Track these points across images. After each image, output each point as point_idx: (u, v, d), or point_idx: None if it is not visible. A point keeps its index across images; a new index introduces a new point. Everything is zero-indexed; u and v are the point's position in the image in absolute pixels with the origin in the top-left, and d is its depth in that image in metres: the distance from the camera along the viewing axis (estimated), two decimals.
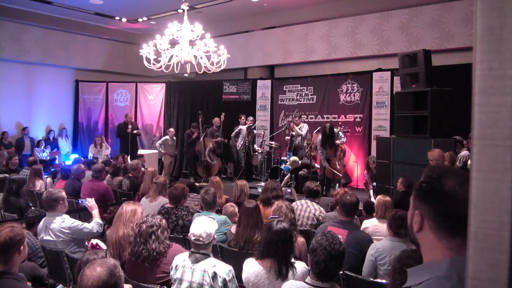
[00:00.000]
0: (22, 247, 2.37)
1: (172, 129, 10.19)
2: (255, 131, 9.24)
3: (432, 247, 0.99)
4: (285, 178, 7.82)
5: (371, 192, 7.07)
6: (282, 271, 2.47)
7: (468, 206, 0.88)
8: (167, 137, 9.94)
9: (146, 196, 4.84)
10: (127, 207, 3.24)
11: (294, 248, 2.79)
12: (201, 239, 2.56)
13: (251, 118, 9.19)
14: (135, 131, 9.97)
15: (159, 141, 9.94)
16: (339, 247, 2.16)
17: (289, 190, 6.95)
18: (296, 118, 8.48)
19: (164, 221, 2.90)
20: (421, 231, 1.01)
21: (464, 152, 6.01)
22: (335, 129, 7.59)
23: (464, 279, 0.72)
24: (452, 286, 0.89)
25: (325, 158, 7.45)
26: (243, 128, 8.87)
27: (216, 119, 9.48)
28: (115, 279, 1.79)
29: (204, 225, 2.62)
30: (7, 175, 5.44)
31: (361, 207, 4.77)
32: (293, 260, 2.61)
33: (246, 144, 8.86)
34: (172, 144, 9.95)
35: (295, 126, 8.12)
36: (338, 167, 7.51)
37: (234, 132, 9.02)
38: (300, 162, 7.70)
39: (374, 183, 6.95)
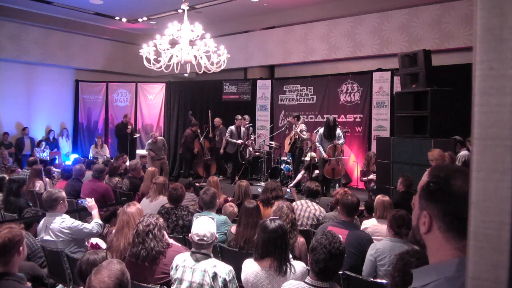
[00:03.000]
0: (21, 248, 2.36)
1: (156, 133, 9.78)
2: (243, 130, 9.08)
3: (440, 248, 0.97)
4: (299, 176, 7.80)
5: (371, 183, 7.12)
6: (282, 267, 2.49)
7: None
8: (151, 140, 9.29)
9: (147, 196, 4.85)
10: (130, 210, 3.18)
11: (289, 244, 2.80)
12: (205, 238, 2.56)
13: (246, 116, 9.04)
14: (134, 136, 9.90)
15: (146, 147, 9.31)
16: (339, 246, 2.17)
17: (288, 190, 6.96)
18: (291, 118, 8.39)
19: (161, 220, 2.88)
20: (430, 232, 0.99)
21: (464, 152, 6.02)
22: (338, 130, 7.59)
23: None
24: (460, 287, 0.87)
25: (322, 149, 7.43)
26: (233, 128, 8.76)
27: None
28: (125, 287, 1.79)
29: (207, 225, 2.62)
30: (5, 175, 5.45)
31: (361, 207, 4.77)
32: (291, 258, 2.62)
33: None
34: (160, 147, 9.32)
35: (298, 132, 8.07)
36: (339, 167, 7.49)
37: (227, 133, 8.90)
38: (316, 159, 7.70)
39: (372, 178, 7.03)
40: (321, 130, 7.50)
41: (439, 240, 0.97)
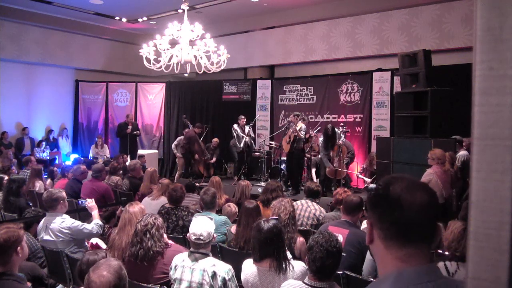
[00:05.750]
0: (19, 248, 2.35)
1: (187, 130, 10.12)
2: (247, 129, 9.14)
3: (383, 258, 0.95)
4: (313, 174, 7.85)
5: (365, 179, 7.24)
6: (282, 265, 2.50)
7: (418, 212, 0.89)
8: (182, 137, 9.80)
9: (149, 195, 4.88)
10: (133, 209, 3.19)
11: (285, 241, 2.81)
12: (201, 237, 2.56)
13: (242, 117, 9.05)
14: (134, 132, 9.98)
15: (175, 142, 9.65)
16: (336, 244, 2.20)
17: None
18: (292, 116, 8.40)
19: (160, 220, 2.88)
20: (372, 242, 0.97)
21: (463, 152, 6.02)
22: (336, 130, 7.58)
23: None
24: None
25: (327, 159, 7.43)
26: (237, 127, 8.84)
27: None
28: (124, 282, 1.79)
29: (204, 224, 2.62)
30: (4, 175, 5.45)
31: None
32: (291, 258, 2.62)
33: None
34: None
35: (296, 129, 8.06)
36: (341, 166, 7.48)
37: (233, 132, 9.00)
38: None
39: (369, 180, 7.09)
40: (321, 139, 7.51)
41: (381, 250, 0.95)
